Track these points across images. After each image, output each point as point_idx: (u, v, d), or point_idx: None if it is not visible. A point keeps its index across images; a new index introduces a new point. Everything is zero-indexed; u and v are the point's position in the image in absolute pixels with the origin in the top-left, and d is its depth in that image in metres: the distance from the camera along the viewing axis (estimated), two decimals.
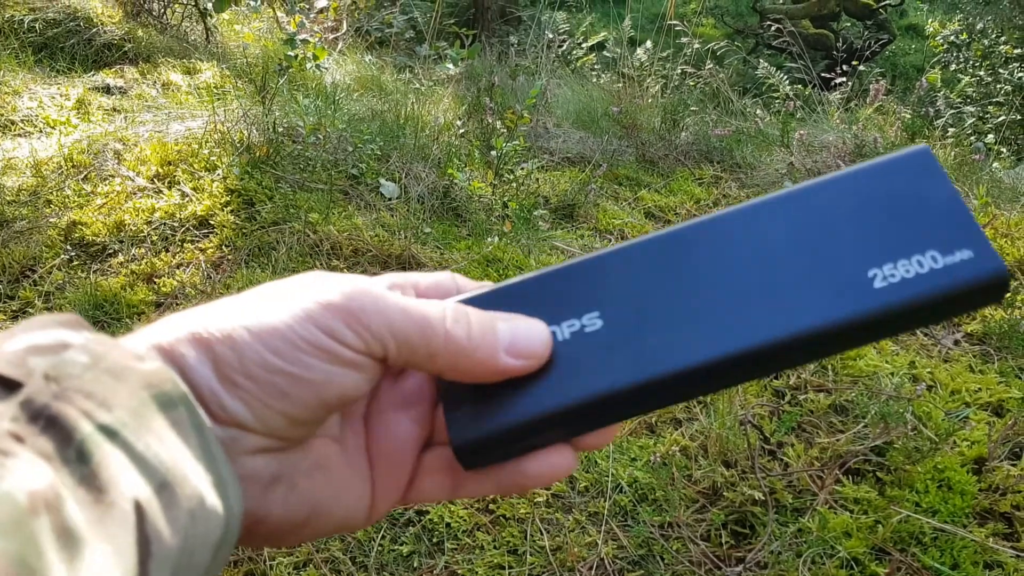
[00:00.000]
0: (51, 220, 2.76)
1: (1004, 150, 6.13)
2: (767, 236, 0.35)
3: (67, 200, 2.88)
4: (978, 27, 8.42)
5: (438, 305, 0.36)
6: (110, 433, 0.26)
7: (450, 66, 4.59)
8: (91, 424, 0.26)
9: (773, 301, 0.33)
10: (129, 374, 0.28)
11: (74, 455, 0.25)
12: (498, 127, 3.48)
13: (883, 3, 10.69)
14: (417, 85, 4.50)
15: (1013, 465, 1.74)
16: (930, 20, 9.94)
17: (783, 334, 0.32)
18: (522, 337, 0.37)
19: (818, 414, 1.95)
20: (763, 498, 1.71)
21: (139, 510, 0.26)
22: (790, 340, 0.32)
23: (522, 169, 3.21)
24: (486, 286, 0.40)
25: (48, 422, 0.26)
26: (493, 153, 3.20)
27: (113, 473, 0.25)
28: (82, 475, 0.25)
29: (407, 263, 2.65)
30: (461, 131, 3.69)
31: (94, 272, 2.59)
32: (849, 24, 11.21)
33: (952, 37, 8.80)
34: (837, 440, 1.86)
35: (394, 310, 0.35)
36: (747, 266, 0.34)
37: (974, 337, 2.15)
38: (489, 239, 2.79)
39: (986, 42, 8.31)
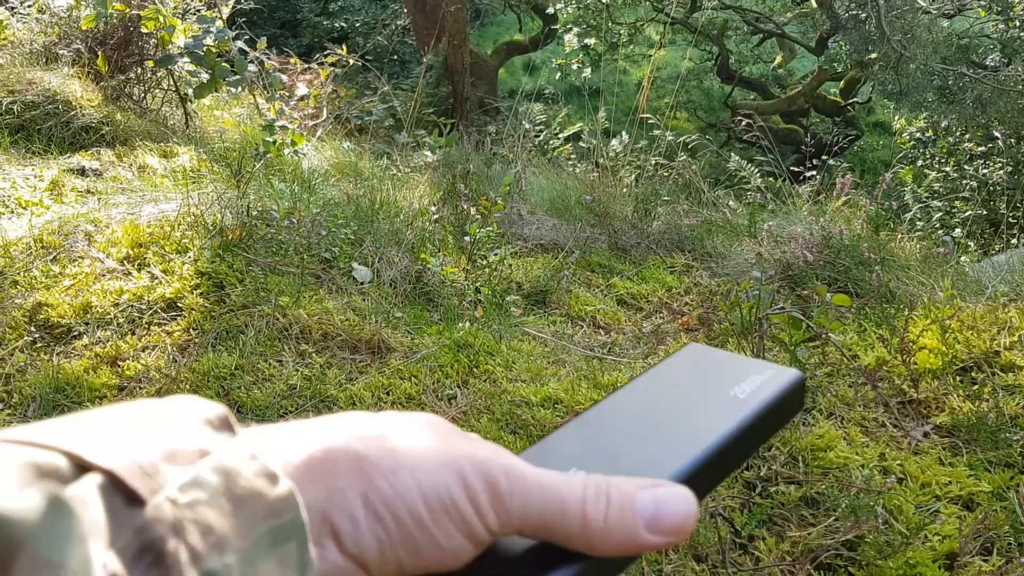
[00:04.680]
0: (16, 301, 2.73)
1: (971, 244, 6.25)
2: (658, 402, 0.43)
3: (34, 281, 2.85)
4: (943, 125, 8.68)
5: (576, 483, 0.35)
6: None
7: (428, 153, 4.66)
8: (197, 572, 0.26)
9: (691, 425, 0.41)
10: (254, 503, 0.28)
11: None
12: (472, 213, 3.51)
13: (851, 100, 11.03)
14: (394, 171, 4.55)
15: (984, 561, 1.71)
16: (897, 117, 10.25)
17: (715, 441, 0.39)
18: (668, 510, 0.35)
19: (789, 506, 1.92)
20: None
21: None
22: (718, 448, 0.39)
23: (495, 255, 3.22)
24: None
25: (156, 559, 0.25)
26: (467, 239, 3.21)
27: None
28: None
29: (377, 348, 2.63)
30: (435, 217, 3.72)
31: (57, 354, 2.55)
32: (818, 120, 11.54)
33: (918, 134, 9.06)
34: (808, 534, 1.83)
35: (534, 491, 0.34)
36: (661, 417, 0.42)
37: (943, 429, 2.15)
38: (461, 324, 2.78)
39: (951, 139, 8.55)
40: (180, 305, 2.76)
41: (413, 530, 0.31)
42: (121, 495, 0.26)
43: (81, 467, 0.26)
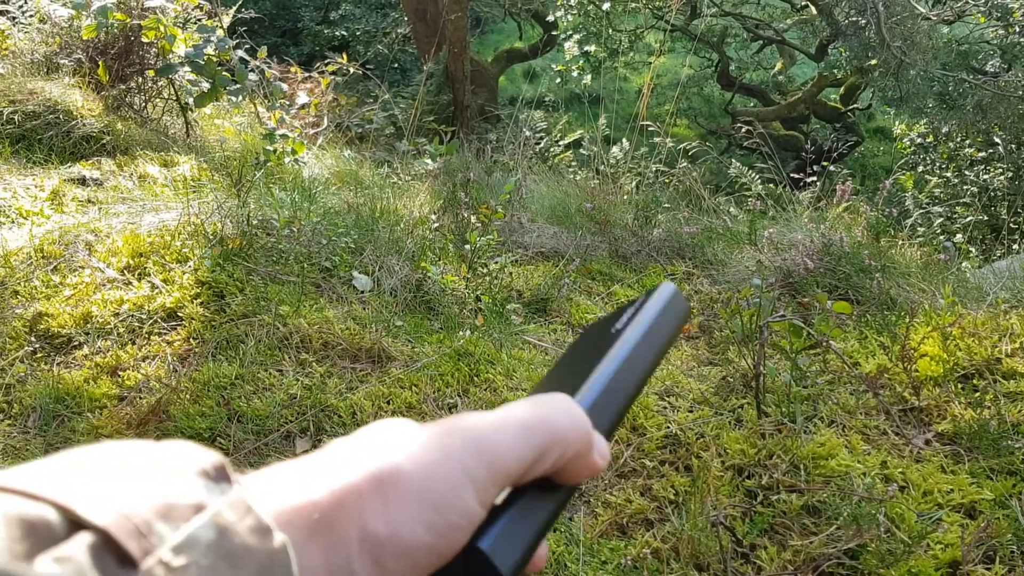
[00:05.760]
0: (17, 311, 2.73)
1: (973, 250, 6.24)
2: (570, 360, 0.52)
3: (34, 291, 2.85)
4: (943, 130, 8.68)
5: (558, 410, 0.38)
6: None
7: (428, 161, 4.66)
8: None
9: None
10: (247, 559, 0.28)
11: None
12: (473, 221, 3.50)
13: (851, 106, 11.04)
14: (395, 180, 4.55)
15: (987, 569, 1.71)
16: (897, 123, 10.25)
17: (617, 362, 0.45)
18: (602, 442, 0.40)
19: (791, 515, 1.91)
20: None
21: None
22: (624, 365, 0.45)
23: (496, 263, 3.22)
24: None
25: None
26: (467, 247, 3.21)
27: None
28: None
29: (377, 356, 2.63)
30: (436, 225, 3.72)
31: (57, 364, 2.55)
32: (818, 126, 11.54)
33: (919, 140, 9.05)
34: (810, 542, 1.82)
35: (524, 435, 0.36)
36: (572, 366, 0.50)
37: (945, 437, 2.14)
38: (461, 333, 2.77)
39: (952, 145, 8.55)
40: (180, 315, 2.76)
41: (417, 555, 0.31)
42: (113, 556, 0.25)
43: (72, 522, 0.26)
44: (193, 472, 0.29)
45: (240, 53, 4.80)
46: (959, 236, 6.53)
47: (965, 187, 7.74)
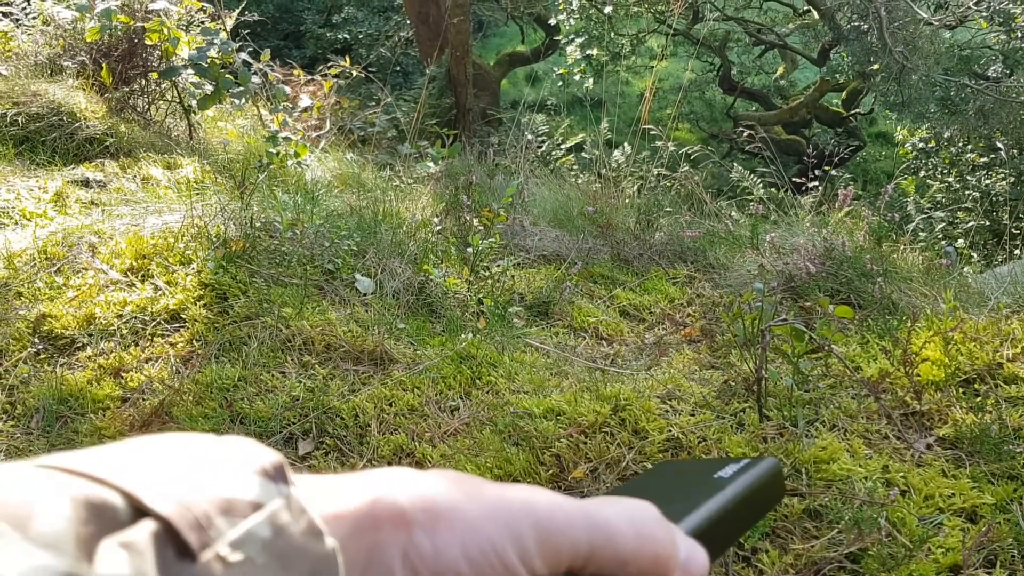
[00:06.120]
0: (20, 312, 2.74)
1: (974, 255, 6.24)
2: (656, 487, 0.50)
3: (38, 292, 2.86)
4: (945, 135, 8.68)
5: (621, 507, 0.36)
6: None
7: (430, 164, 4.67)
8: None
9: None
10: (299, 561, 0.28)
11: None
12: (475, 224, 3.51)
13: (853, 111, 11.04)
14: (397, 183, 4.56)
15: (988, 573, 1.71)
16: (899, 128, 10.25)
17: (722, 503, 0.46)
18: (696, 560, 0.37)
19: (792, 519, 1.92)
20: None
21: None
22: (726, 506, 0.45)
23: (498, 266, 3.23)
24: None
25: None
26: (469, 250, 3.22)
27: None
28: None
29: (380, 359, 2.64)
30: (438, 228, 3.73)
31: (61, 366, 2.55)
32: (820, 131, 11.54)
33: (921, 144, 9.05)
34: (811, 546, 1.82)
35: (580, 522, 0.34)
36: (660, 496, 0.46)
37: (946, 441, 2.14)
38: (463, 335, 2.78)
39: (953, 150, 8.55)
40: (183, 316, 2.76)
41: None
42: (173, 546, 0.26)
43: (136, 509, 0.26)
44: (253, 469, 0.29)
45: (243, 56, 4.81)
46: (961, 241, 6.54)
47: (967, 192, 7.75)
